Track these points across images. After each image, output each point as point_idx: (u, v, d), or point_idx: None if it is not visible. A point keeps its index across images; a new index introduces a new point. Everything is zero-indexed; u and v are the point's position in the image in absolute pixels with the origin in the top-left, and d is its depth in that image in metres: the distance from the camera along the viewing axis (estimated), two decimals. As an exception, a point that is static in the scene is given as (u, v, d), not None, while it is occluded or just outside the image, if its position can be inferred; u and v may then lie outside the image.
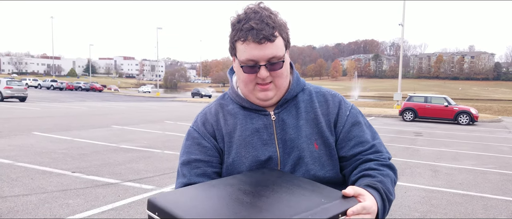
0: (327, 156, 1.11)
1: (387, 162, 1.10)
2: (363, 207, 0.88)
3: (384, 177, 1.03)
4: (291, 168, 1.09)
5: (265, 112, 1.12)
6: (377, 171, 1.04)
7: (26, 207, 3.74)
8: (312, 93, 1.16)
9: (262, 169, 1.07)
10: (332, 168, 1.11)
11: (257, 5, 1.04)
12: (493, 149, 9.15)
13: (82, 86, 54.27)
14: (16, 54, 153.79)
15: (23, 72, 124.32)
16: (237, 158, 1.10)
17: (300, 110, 1.12)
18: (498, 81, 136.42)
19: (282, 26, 1.05)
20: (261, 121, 1.11)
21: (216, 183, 0.96)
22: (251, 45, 1.01)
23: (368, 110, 23.77)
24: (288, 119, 1.11)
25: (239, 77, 1.10)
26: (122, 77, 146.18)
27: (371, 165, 1.07)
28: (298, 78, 1.17)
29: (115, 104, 25.27)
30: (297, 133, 1.10)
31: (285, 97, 1.12)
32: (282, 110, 1.12)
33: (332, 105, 1.14)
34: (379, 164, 1.08)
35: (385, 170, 1.06)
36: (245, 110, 1.13)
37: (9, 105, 18.59)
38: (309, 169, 1.09)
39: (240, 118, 1.12)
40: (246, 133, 1.10)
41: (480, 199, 4.70)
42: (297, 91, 1.14)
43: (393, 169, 1.10)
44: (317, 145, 1.10)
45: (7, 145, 7.13)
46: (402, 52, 28.73)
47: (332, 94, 1.18)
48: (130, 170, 5.54)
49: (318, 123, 1.11)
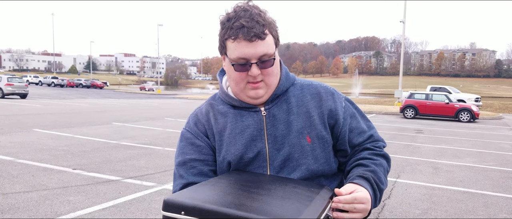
0: (320, 149, 1.11)
1: (381, 152, 1.16)
2: (354, 197, 0.95)
3: (377, 167, 1.09)
4: (280, 163, 1.09)
5: (255, 109, 1.12)
6: (370, 161, 1.10)
7: (27, 204, 3.75)
8: (303, 87, 1.17)
9: (246, 172, 1.10)
10: (326, 160, 1.12)
11: (246, 4, 1.04)
12: (494, 146, 9.14)
13: (83, 83, 54.24)
14: (17, 51, 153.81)
15: (24, 69, 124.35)
16: (226, 155, 1.11)
17: (291, 104, 1.13)
18: (499, 79, 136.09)
19: (271, 24, 1.06)
20: (251, 118, 1.11)
21: (217, 180, 1.01)
22: (242, 43, 1.01)
23: (369, 107, 23.74)
24: (279, 114, 1.11)
25: (230, 75, 1.09)
26: (123, 74, 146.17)
27: (365, 155, 1.13)
28: (287, 73, 1.17)
29: (116, 101, 25.28)
30: (288, 129, 1.10)
31: (275, 92, 1.12)
32: (273, 105, 1.12)
33: (325, 98, 1.15)
34: (373, 153, 1.14)
35: (378, 160, 1.12)
36: (235, 108, 1.14)
37: (10, 102, 18.61)
38: (301, 164, 1.09)
39: (231, 117, 1.13)
40: (235, 130, 1.11)
41: (481, 196, 4.70)
42: (287, 86, 1.15)
43: (387, 158, 1.17)
44: (309, 139, 1.10)
45: (8, 142, 7.14)
46: (403, 49, 28.65)
47: (324, 87, 1.18)
48: (131, 167, 5.55)
49: (310, 116, 1.11)
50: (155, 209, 3.78)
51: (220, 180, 1.00)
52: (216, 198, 0.87)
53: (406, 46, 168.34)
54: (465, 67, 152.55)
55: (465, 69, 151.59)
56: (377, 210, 4.00)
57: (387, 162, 1.15)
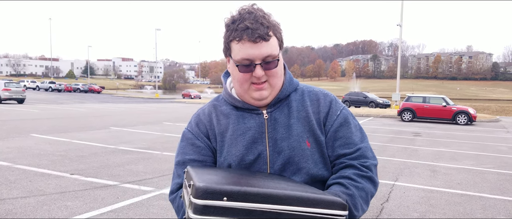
0: (319, 154, 1.12)
1: (367, 174, 1.07)
2: None
3: (357, 190, 1.03)
4: (280, 166, 1.10)
5: (258, 111, 1.13)
6: (352, 182, 1.04)
7: (25, 209, 3.73)
8: (304, 92, 1.18)
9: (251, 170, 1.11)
10: (324, 165, 1.12)
11: (251, 6, 1.06)
12: (491, 149, 9.17)
13: (80, 88, 54.12)
14: (14, 56, 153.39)
15: (22, 74, 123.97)
16: (228, 156, 1.12)
17: (292, 109, 1.14)
18: (496, 81, 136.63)
19: (275, 26, 1.08)
20: (253, 120, 1.12)
21: (224, 168, 1.10)
22: (246, 44, 1.03)
23: (367, 110, 23.80)
24: (280, 118, 1.12)
25: (234, 77, 1.11)
26: (121, 79, 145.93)
27: (349, 174, 1.06)
28: (291, 78, 1.19)
29: (114, 105, 25.23)
30: (288, 132, 1.11)
31: (278, 96, 1.13)
32: (275, 109, 1.13)
33: (323, 104, 1.16)
34: (358, 174, 1.06)
35: (361, 183, 1.05)
36: (238, 110, 1.15)
37: (7, 107, 18.54)
38: (301, 168, 1.09)
39: (233, 118, 1.14)
40: (237, 132, 1.12)
41: (479, 198, 4.71)
42: (290, 91, 1.16)
43: (373, 182, 1.08)
44: (309, 143, 1.11)
45: (5, 147, 7.11)
46: (400, 53, 28.76)
47: (324, 94, 1.19)
48: (129, 171, 5.53)
49: (309, 121, 1.12)
50: (153, 214, 3.77)
51: (228, 169, 1.09)
52: (245, 181, 0.88)
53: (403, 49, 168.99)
54: (462, 70, 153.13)
55: (462, 72, 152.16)
56: (375, 213, 4.01)
57: (373, 186, 1.08)
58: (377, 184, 1.10)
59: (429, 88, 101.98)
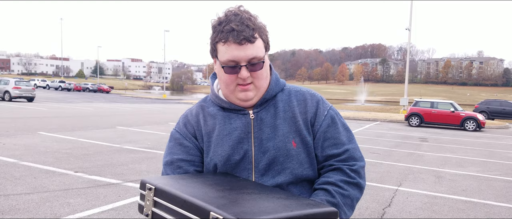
0: (305, 154, 1.12)
1: (354, 180, 1.09)
2: None
3: (343, 198, 1.06)
4: (265, 166, 1.10)
5: (244, 112, 1.14)
6: (338, 189, 1.07)
7: (28, 205, 3.78)
8: (291, 93, 1.18)
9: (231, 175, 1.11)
10: (310, 165, 1.13)
11: (237, 8, 1.07)
12: (499, 156, 9.04)
13: (89, 87, 54.68)
14: (25, 55, 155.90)
15: (33, 73, 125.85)
16: (214, 156, 1.13)
17: (278, 109, 1.14)
18: (507, 88, 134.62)
19: (261, 28, 1.09)
20: (239, 121, 1.13)
21: (197, 175, 1.09)
22: (232, 46, 1.04)
23: (374, 115, 23.62)
24: (266, 118, 1.13)
25: (221, 78, 1.12)
26: (130, 79, 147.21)
27: (335, 179, 1.08)
28: (277, 79, 1.19)
29: (121, 105, 25.45)
30: (274, 132, 1.11)
31: (264, 97, 1.14)
32: (261, 109, 1.14)
33: (310, 104, 1.16)
34: (345, 181, 1.08)
35: (348, 190, 1.08)
36: (224, 111, 1.16)
37: (17, 105, 18.83)
38: (285, 168, 1.10)
39: (219, 119, 1.15)
40: (223, 132, 1.13)
41: (483, 206, 4.65)
42: (276, 91, 1.16)
43: (360, 187, 1.11)
44: (295, 143, 1.11)
45: (13, 144, 7.22)
46: (409, 57, 28.56)
47: (311, 94, 1.19)
48: (132, 170, 5.57)
49: (296, 121, 1.13)
50: (153, 213, 3.79)
51: (204, 175, 1.06)
52: (234, 198, 0.90)
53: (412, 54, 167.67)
54: (473, 75, 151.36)
55: (472, 77, 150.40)
56: (377, 218, 3.97)
57: (359, 191, 1.10)
58: (363, 188, 1.13)
59: (438, 93, 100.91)
